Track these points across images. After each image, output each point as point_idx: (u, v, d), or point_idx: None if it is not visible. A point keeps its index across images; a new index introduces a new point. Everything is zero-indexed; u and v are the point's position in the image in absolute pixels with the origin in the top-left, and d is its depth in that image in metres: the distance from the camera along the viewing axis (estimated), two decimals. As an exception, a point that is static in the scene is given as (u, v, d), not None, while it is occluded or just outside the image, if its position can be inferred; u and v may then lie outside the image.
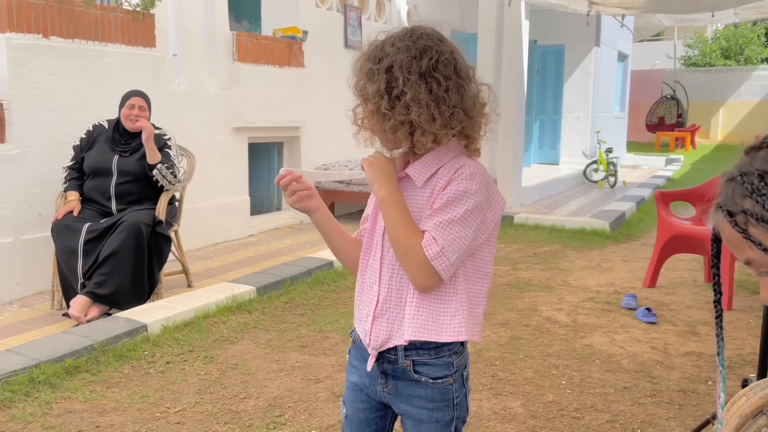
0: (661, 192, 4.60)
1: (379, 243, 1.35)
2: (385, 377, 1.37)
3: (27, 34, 4.03)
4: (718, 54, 21.50)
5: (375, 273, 1.35)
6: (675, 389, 2.89)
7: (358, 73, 1.29)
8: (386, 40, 1.28)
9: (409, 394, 1.35)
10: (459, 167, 1.26)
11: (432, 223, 1.24)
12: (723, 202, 0.87)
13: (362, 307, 1.37)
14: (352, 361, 1.46)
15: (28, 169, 4.09)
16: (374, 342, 1.33)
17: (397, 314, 1.31)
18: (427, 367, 1.32)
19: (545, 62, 10.42)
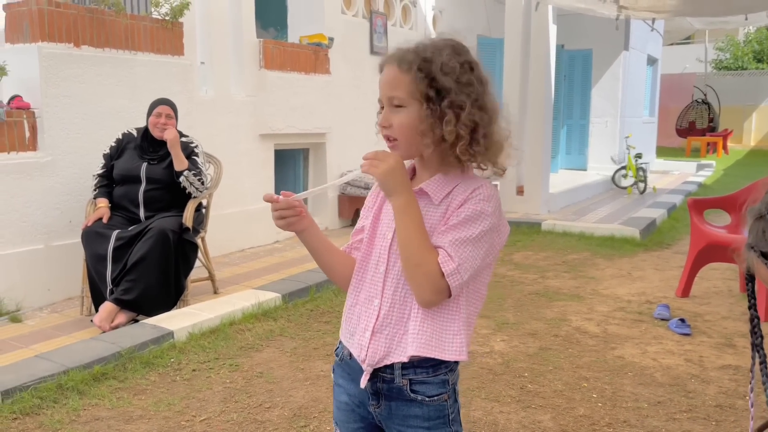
0: (695, 199, 4.49)
1: (384, 255, 1.31)
2: (377, 398, 1.32)
3: (59, 43, 4.10)
4: (750, 57, 21.06)
5: (376, 286, 1.31)
6: (711, 404, 2.79)
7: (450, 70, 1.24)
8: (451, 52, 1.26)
9: (404, 414, 1.30)
10: (476, 187, 1.26)
11: (448, 239, 1.22)
12: (755, 243, 0.81)
13: (357, 322, 1.33)
14: (338, 380, 1.40)
15: (60, 177, 4.15)
16: (371, 358, 1.28)
17: (397, 330, 1.28)
18: (423, 385, 1.29)
19: (573, 67, 10.29)
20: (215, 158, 4.53)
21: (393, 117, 1.26)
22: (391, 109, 1.26)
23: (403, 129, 1.26)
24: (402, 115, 1.25)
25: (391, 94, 1.26)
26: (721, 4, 6.71)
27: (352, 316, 1.34)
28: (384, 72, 1.28)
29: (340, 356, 1.38)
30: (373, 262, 1.33)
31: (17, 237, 3.95)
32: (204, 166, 4.08)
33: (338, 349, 1.40)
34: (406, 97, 1.24)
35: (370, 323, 1.30)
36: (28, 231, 4.00)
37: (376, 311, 1.29)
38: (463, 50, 1.28)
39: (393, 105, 1.26)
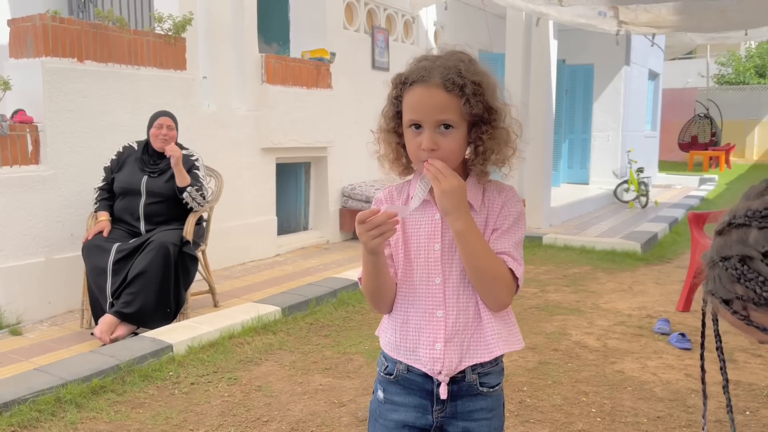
0: (695, 213, 4.49)
1: (436, 267, 1.32)
2: (442, 402, 1.34)
3: (62, 58, 4.14)
4: (752, 72, 21.11)
5: (436, 298, 1.32)
6: (711, 419, 2.78)
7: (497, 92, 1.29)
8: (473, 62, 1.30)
9: (470, 409, 1.34)
10: (506, 189, 1.36)
11: (510, 243, 1.31)
12: (714, 290, 0.83)
13: (417, 336, 1.33)
14: (392, 398, 1.39)
15: (61, 190, 4.18)
16: (448, 368, 1.31)
17: (465, 335, 1.32)
18: (488, 376, 1.36)
19: (574, 81, 10.34)
20: (216, 172, 4.56)
21: (441, 139, 1.26)
22: (437, 131, 1.26)
23: (453, 151, 1.28)
24: (450, 138, 1.27)
25: (441, 117, 1.25)
26: (720, 20, 6.74)
27: (408, 333, 1.35)
28: (421, 93, 1.26)
29: (395, 374, 1.38)
30: (420, 275, 1.34)
31: (18, 250, 3.97)
32: (205, 179, 4.10)
33: (388, 367, 1.39)
34: (458, 119, 1.26)
35: (439, 335, 1.31)
36: (30, 244, 4.02)
37: (442, 322, 1.31)
38: (477, 61, 1.32)
39: (440, 127, 1.26)
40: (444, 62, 1.27)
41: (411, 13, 7.80)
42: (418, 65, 1.29)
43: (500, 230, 1.31)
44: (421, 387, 1.35)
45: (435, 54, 1.31)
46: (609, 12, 6.58)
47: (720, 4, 6.09)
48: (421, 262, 1.34)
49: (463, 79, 1.25)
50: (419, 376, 1.35)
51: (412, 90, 1.27)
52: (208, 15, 5.26)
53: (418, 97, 1.26)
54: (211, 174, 4.51)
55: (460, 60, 1.28)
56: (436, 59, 1.29)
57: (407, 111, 1.29)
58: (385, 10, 7.44)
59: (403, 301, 1.36)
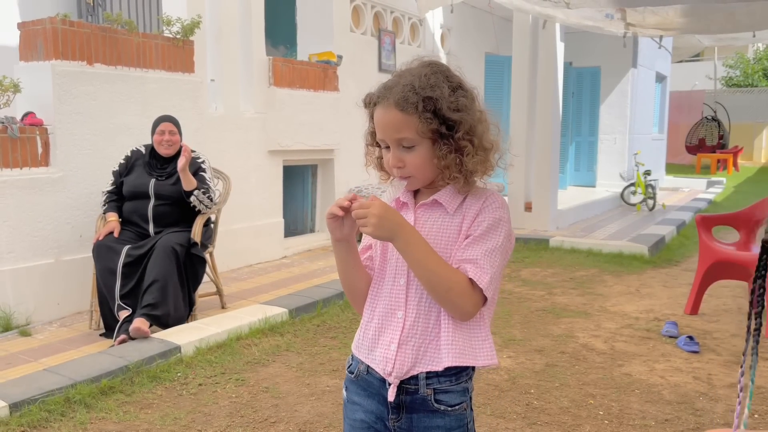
0: (703, 216, 4.47)
1: (402, 268, 1.31)
2: (397, 411, 1.32)
3: (72, 61, 4.18)
4: (760, 75, 21.02)
5: (398, 299, 1.32)
6: (720, 422, 2.77)
7: (454, 104, 1.26)
8: (430, 73, 1.28)
9: (425, 426, 1.31)
10: (487, 196, 1.31)
11: (480, 251, 1.26)
12: None
13: (377, 336, 1.33)
14: (352, 398, 1.39)
15: (71, 192, 4.20)
16: (398, 370, 1.29)
17: (423, 340, 1.29)
18: (447, 394, 1.30)
19: (581, 84, 10.32)
20: (224, 174, 4.58)
21: (406, 157, 1.28)
22: (400, 149, 1.28)
23: (419, 167, 1.29)
24: (415, 155, 1.28)
25: (398, 137, 1.27)
26: (728, 22, 6.72)
27: (369, 332, 1.35)
28: (381, 114, 1.28)
29: (356, 372, 1.38)
30: (389, 275, 1.34)
31: (28, 251, 4.00)
32: (212, 181, 4.12)
33: (352, 365, 1.40)
34: (417, 137, 1.27)
35: (395, 336, 1.30)
36: (39, 245, 4.05)
37: (400, 323, 1.30)
38: (447, 71, 1.30)
39: (402, 146, 1.28)
40: (405, 79, 1.27)
41: (417, 15, 7.82)
42: (383, 84, 1.31)
43: (472, 237, 1.27)
44: (378, 391, 1.34)
45: (408, 66, 1.32)
46: (616, 14, 6.57)
47: (728, 6, 6.07)
48: (392, 263, 1.34)
49: (416, 96, 1.24)
50: (377, 380, 1.33)
51: (375, 110, 1.30)
52: (215, 18, 5.29)
53: (378, 117, 1.29)
54: (219, 176, 4.53)
55: (420, 75, 1.26)
56: (401, 75, 1.29)
57: (376, 130, 1.32)
58: (391, 12, 7.46)
59: (372, 299, 1.36)
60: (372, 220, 1.21)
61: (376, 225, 1.21)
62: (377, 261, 1.38)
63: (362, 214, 1.22)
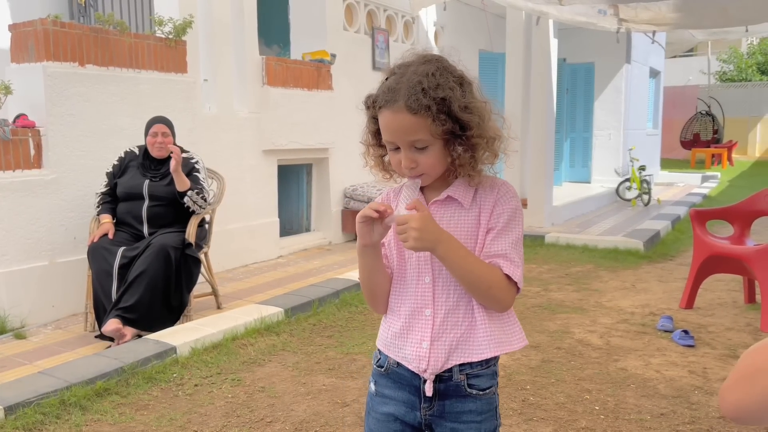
0: (697, 210, 4.48)
1: (426, 266, 1.32)
2: (429, 400, 1.34)
3: (64, 62, 4.16)
4: (754, 69, 21.08)
5: (425, 297, 1.32)
6: (715, 416, 2.77)
7: (467, 105, 1.27)
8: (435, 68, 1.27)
9: (458, 411, 1.33)
10: (499, 186, 1.34)
11: (507, 244, 1.29)
12: None
13: (406, 334, 1.34)
14: (382, 391, 1.40)
15: (64, 194, 4.19)
16: (433, 367, 1.31)
17: (454, 335, 1.31)
18: (478, 378, 1.33)
19: (575, 80, 10.33)
20: (218, 174, 4.57)
21: (418, 157, 1.27)
22: (413, 150, 1.27)
23: (433, 166, 1.29)
24: (428, 155, 1.27)
25: (412, 139, 1.25)
26: (720, 16, 6.74)
27: (398, 331, 1.35)
28: (390, 118, 1.25)
29: (385, 366, 1.38)
30: (411, 274, 1.34)
31: (22, 254, 3.98)
32: (206, 181, 4.11)
33: (381, 359, 1.40)
34: (430, 138, 1.26)
35: (426, 334, 1.31)
36: (33, 248, 4.04)
37: (429, 321, 1.31)
38: (449, 66, 1.30)
39: (415, 147, 1.27)
40: (409, 79, 1.24)
41: (411, 13, 7.81)
42: (385, 85, 1.28)
43: (495, 230, 1.30)
44: (409, 382, 1.35)
45: (405, 63, 1.29)
46: (609, 10, 6.58)
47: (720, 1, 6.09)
48: (413, 261, 1.34)
49: (428, 98, 1.22)
50: (408, 371, 1.35)
51: (381, 113, 1.27)
52: (208, 18, 5.27)
53: (387, 121, 1.26)
54: (213, 176, 4.52)
55: (425, 74, 1.24)
56: (402, 74, 1.26)
57: (383, 132, 1.30)
58: (384, 11, 7.45)
59: (396, 299, 1.37)
60: (413, 234, 1.21)
61: (417, 239, 1.21)
62: (394, 260, 1.38)
63: (402, 229, 1.22)
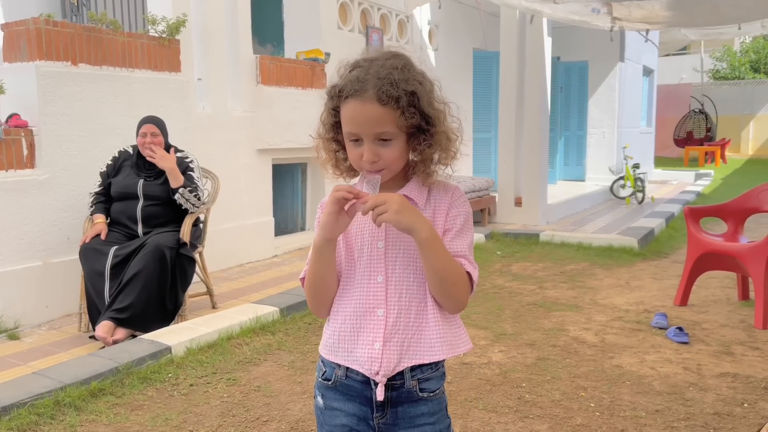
0: (691, 208, 4.50)
1: (379, 266, 1.30)
2: (382, 408, 1.31)
3: (56, 61, 4.14)
4: (747, 67, 21.17)
5: (377, 296, 1.29)
6: (709, 412, 2.79)
7: (434, 99, 1.27)
8: (400, 64, 1.27)
9: (411, 415, 1.32)
10: (452, 190, 1.34)
11: (464, 246, 1.30)
12: None
13: (356, 336, 1.30)
14: (331, 404, 1.36)
15: (57, 194, 4.17)
16: (386, 368, 1.28)
17: (406, 335, 1.29)
18: (428, 381, 1.33)
19: (569, 78, 10.35)
20: (212, 173, 4.56)
21: (381, 151, 1.26)
22: (376, 143, 1.25)
23: (395, 160, 1.28)
24: (391, 149, 1.26)
25: (378, 131, 1.24)
26: (713, 14, 6.76)
27: (346, 333, 1.31)
28: (358, 108, 1.23)
29: (333, 379, 1.35)
30: (361, 273, 1.31)
31: (15, 254, 3.96)
32: (200, 181, 4.10)
33: (326, 372, 1.36)
34: (396, 131, 1.25)
35: (378, 334, 1.28)
36: (26, 248, 4.01)
37: (382, 321, 1.28)
38: (415, 65, 1.29)
39: (379, 139, 1.25)
40: (377, 71, 1.23)
41: (405, 12, 7.81)
42: (351, 75, 1.25)
43: (453, 231, 1.29)
44: (360, 393, 1.32)
45: (369, 57, 1.28)
46: (602, 9, 6.59)
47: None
48: (364, 261, 1.31)
49: (398, 90, 1.21)
50: (358, 383, 1.32)
51: (347, 103, 1.25)
52: (201, 17, 5.26)
53: (354, 111, 1.24)
54: (208, 176, 4.50)
55: (393, 68, 1.24)
56: (369, 67, 1.25)
57: (345, 124, 1.27)
58: (379, 9, 7.44)
59: (342, 300, 1.33)
60: (394, 206, 1.19)
61: (397, 211, 1.19)
62: (342, 260, 1.34)
63: (382, 200, 1.20)
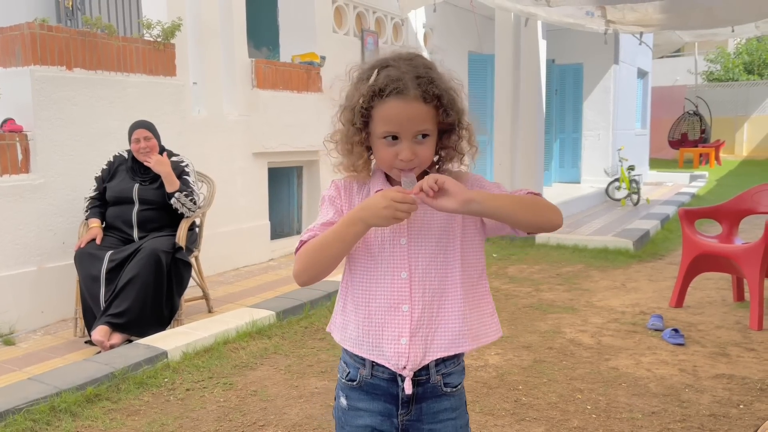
0: (686, 209, 4.51)
1: (402, 261, 1.30)
2: (407, 405, 1.33)
3: (51, 66, 4.13)
4: (741, 68, 21.26)
5: (401, 292, 1.30)
6: (705, 414, 2.79)
7: (457, 90, 1.31)
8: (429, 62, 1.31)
9: (435, 411, 1.33)
10: (461, 175, 1.35)
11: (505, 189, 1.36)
12: None
13: (380, 332, 1.31)
14: (356, 404, 1.37)
15: (53, 198, 4.16)
16: (413, 362, 1.29)
17: (429, 329, 1.30)
18: (451, 376, 1.35)
19: (564, 81, 10.39)
20: (208, 177, 4.55)
21: (418, 148, 1.27)
22: (415, 141, 1.26)
23: (429, 158, 1.30)
24: (427, 146, 1.28)
25: (420, 129, 1.25)
26: (707, 17, 6.79)
27: (371, 328, 1.32)
28: (401, 106, 1.23)
29: (357, 380, 1.35)
30: (384, 270, 1.31)
31: (10, 259, 3.95)
32: (195, 185, 4.10)
33: (350, 373, 1.37)
34: (433, 128, 1.28)
35: (404, 329, 1.29)
36: (21, 253, 4.00)
37: (407, 316, 1.29)
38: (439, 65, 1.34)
39: (416, 138, 1.26)
40: (413, 70, 1.25)
41: (400, 15, 7.82)
42: (388, 74, 1.25)
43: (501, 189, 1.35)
44: (385, 391, 1.33)
45: (398, 57, 1.28)
46: (596, 11, 6.62)
47: (706, 2, 6.14)
48: (386, 256, 1.31)
49: (438, 88, 1.25)
50: (384, 381, 1.33)
51: (386, 102, 1.24)
52: (197, 21, 5.26)
53: (396, 110, 1.24)
54: (203, 180, 4.50)
55: (427, 66, 1.27)
56: (400, 66, 1.26)
57: (382, 123, 1.26)
58: (374, 13, 7.46)
59: (365, 295, 1.33)
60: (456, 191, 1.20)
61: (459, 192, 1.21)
62: (359, 253, 1.34)
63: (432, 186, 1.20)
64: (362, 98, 1.27)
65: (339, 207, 1.36)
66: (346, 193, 1.37)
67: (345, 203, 1.36)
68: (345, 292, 1.39)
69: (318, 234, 1.31)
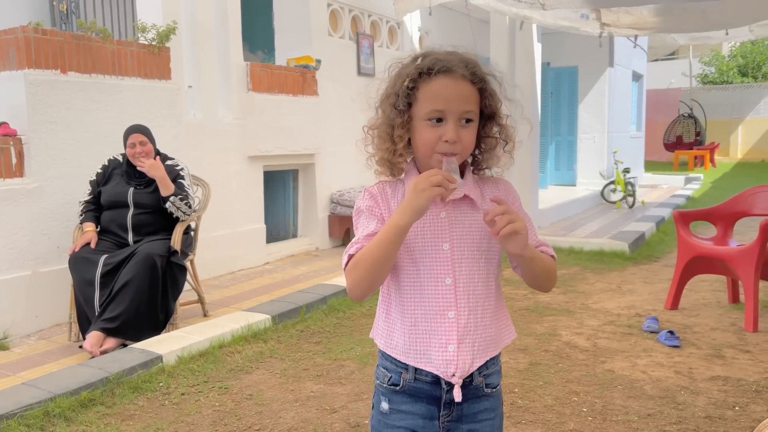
0: (681, 212, 4.52)
1: (446, 268, 1.29)
2: (448, 406, 1.33)
3: (45, 70, 4.12)
4: (735, 71, 21.36)
5: (447, 299, 1.29)
6: (701, 415, 2.80)
7: (498, 80, 1.32)
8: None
9: (475, 411, 1.34)
10: (498, 181, 1.38)
11: (534, 232, 1.34)
12: None
13: (428, 338, 1.30)
14: (399, 407, 1.35)
15: (47, 203, 4.14)
16: (462, 370, 1.29)
17: (476, 336, 1.31)
18: (491, 377, 1.36)
19: (559, 84, 10.41)
20: (203, 181, 4.54)
21: (462, 132, 1.25)
22: (460, 123, 1.25)
23: (471, 145, 1.30)
24: (470, 131, 1.27)
25: (466, 108, 1.25)
26: (701, 20, 6.82)
27: (418, 335, 1.31)
28: (450, 84, 1.24)
29: (401, 385, 1.34)
30: (429, 276, 1.30)
31: (4, 263, 3.93)
32: (191, 188, 4.09)
33: (392, 378, 1.35)
34: (477, 112, 1.28)
35: (451, 336, 1.29)
36: (15, 257, 3.99)
37: (454, 323, 1.29)
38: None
39: (463, 120, 1.25)
40: (460, 57, 1.28)
41: (395, 19, 7.83)
42: (437, 57, 1.26)
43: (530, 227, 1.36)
44: (428, 394, 1.33)
45: (438, 50, 1.31)
46: (591, 15, 6.63)
47: (700, 5, 6.16)
48: (428, 263, 1.30)
49: (483, 73, 1.27)
50: (427, 384, 1.32)
51: (435, 80, 1.24)
52: (192, 24, 5.25)
53: (444, 87, 1.24)
54: (199, 183, 4.49)
55: (471, 55, 1.30)
56: (447, 54, 1.29)
57: (428, 101, 1.24)
58: (369, 16, 7.46)
59: (411, 302, 1.31)
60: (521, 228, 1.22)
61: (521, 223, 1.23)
62: (403, 258, 1.31)
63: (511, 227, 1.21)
64: (408, 78, 1.26)
65: (379, 215, 1.32)
66: (383, 198, 1.34)
67: (384, 210, 1.33)
68: (387, 299, 1.37)
69: (364, 245, 1.28)
